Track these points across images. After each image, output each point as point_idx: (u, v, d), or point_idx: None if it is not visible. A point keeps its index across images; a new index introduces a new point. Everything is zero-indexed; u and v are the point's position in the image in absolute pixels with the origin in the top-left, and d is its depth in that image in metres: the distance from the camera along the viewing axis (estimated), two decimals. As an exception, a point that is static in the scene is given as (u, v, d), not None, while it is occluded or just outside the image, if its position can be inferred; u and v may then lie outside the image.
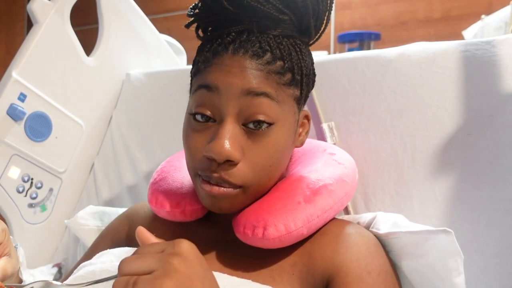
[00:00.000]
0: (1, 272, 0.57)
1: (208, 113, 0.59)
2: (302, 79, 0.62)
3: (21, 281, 0.71)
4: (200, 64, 0.61)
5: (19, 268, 0.67)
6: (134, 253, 0.43)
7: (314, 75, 0.68)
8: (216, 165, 0.57)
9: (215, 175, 0.57)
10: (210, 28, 0.64)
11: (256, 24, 0.59)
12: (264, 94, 0.57)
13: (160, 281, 0.39)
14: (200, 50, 0.63)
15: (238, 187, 0.59)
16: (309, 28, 0.64)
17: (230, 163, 0.57)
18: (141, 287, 0.39)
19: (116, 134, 1.18)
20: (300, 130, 0.67)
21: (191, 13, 0.65)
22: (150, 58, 1.31)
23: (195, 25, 0.66)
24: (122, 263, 0.42)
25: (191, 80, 0.66)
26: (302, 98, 0.64)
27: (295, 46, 0.61)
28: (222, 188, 0.58)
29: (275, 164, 0.60)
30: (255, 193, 0.62)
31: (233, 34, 0.59)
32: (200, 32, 0.66)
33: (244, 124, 0.58)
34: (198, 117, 0.60)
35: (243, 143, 0.58)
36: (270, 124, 0.58)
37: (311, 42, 0.68)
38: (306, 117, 0.68)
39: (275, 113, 0.58)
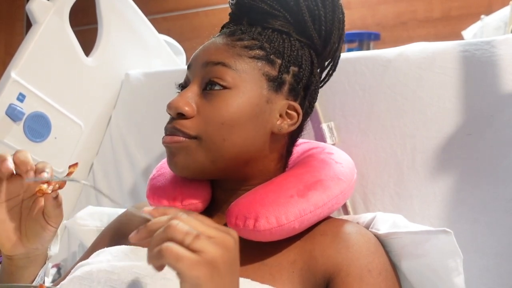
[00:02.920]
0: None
1: (183, 83, 0.69)
2: (282, 63, 0.66)
3: (45, 260, 0.69)
4: None
5: (57, 236, 0.67)
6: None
7: (311, 76, 0.69)
8: (172, 119, 0.64)
9: (169, 125, 0.64)
10: None
11: (246, 18, 0.68)
12: (221, 63, 0.63)
13: (223, 249, 0.41)
14: None
15: (192, 138, 0.62)
16: (308, 30, 0.68)
17: (183, 117, 0.63)
18: (201, 243, 0.40)
19: (115, 134, 1.18)
20: (280, 117, 0.66)
21: None
22: (150, 58, 1.31)
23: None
24: (174, 225, 0.40)
25: None
26: (281, 82, 0.65)
27: (285, 39, 0.67)
28: (176, 136, 0.63)
29: (227, 125, 0.62)
30: (211, 149, 0.62)
31: (228, 28, 0.70)
32: None
33: (204, 89, 0.64)
34: (180, 88, 0.70)
35: (199, 103, 0.64)
36: (224, 87, 0.63)
37: (324, 53, 0.71)
38: (296, 109, 0.67)
39: (231, 79, 0.63)
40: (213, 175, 0.67)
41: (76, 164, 0.60)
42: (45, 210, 0.58)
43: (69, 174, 0.59)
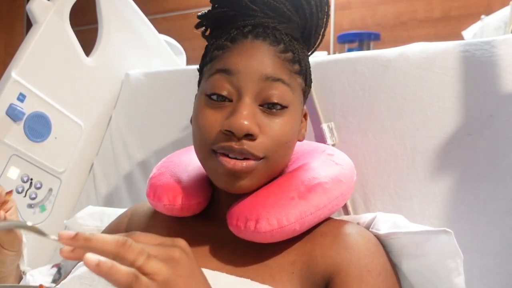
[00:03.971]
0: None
1: (225, 93, 0.61)
2: (307, 75, 0.67)
3: (21, 276, 0.71)
4: (217, 51, 0.64)
5: (22, 256, 0.67)
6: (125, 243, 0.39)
7: (311, 80, 0.72)
8: (236, 139, 0.59)
9: (237, 147, 0.59)
10: (218, 29, 0.68)
11: (271, 20, 0.64)
12: (281, 80, 0.61)
13: (173, 263, 0.39)
14: (212, 43, 0.66)
15: (260, 159, 0.60)
16: (309, 37, 0.69)
17: (249, 137, 0.59)
18: (153, 264, 0.38)
19: (115, 134, 1.18)
20: (301, 125, 0.70)
21: (203, 14, 0.69)
22: (150, 58, 1.31)
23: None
24: (129, 244, 0.38)
25: (201, 69, 0.68)
26: (306, 92, 0.69)
27: (304, 50, 0.67)
28: (245, 162, 0.59)
29: (290, 143, 0.63)
30: (273, 167, 0.63)
31: (250, 26, 0.63)
32: (207, 33, 0.70)
33: (261, 105, 0.61)
34: (214, 97, 0.62)
35: (260, 120, 0.60)
36: (284, 107, 0.62)
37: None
38: (305, 115, 0.71)
39: (289, 98, 0.62)
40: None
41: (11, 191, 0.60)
42: None
43: (5, 203, 0.60)
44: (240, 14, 0.64)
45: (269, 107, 0.61)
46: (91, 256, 0.36)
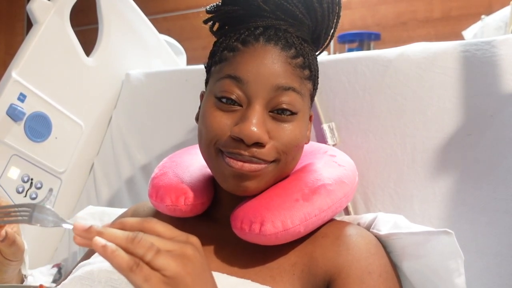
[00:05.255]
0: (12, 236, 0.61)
1: (234, 96, 0.61)
2: (316, 78, 0.67)
3: (22, 279, 0.71)
4: (227, 52, 0.63)
5: (24, 261, 0.67)
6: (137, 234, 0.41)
7: (318, 82, 0.72)
8: (245, 146, 0.59)
9: (246, 153, 0.59)
10: (227, 26, 0.68)
11: (283, 22, 0.63)
12: (292, 89, 0.61)
13: (184, 260, 0.40)
14: (221, 42, 0.65)
15: (270, 162, 0.61)
16: (319, 39, 0.69)
17: (259, 145, 0.60)
18: (162, 260, 0.39)
19: (115, 134, 1.18)
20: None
21: (212, 9, 0.68)
22: (150, 58, 1.31)
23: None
24: (138, 240, 0.39)
25: (209, 67, 0.67)
26: (313, 96, 0.69)
27: (310, 49, 0.66)
28: (255, 165, 0.60)
29: (299, 146, 0.63)
30: (283, 170, 0.64)
31: (261, 28, 0.62)
32: (215, 28, 0.70)
33: (271, 111, 0.61)
34: (223, 100, 0.62)
35: (269, 126, 0.61)
36: (293, 113, 0.62)
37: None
38: (310, 117, 0.71)
39: (299, 104, 0.62)
40: None
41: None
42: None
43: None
44: (251, 15, 0.64)
45: (279, 112, 0.61)
46: (99, 239, 0.39)
